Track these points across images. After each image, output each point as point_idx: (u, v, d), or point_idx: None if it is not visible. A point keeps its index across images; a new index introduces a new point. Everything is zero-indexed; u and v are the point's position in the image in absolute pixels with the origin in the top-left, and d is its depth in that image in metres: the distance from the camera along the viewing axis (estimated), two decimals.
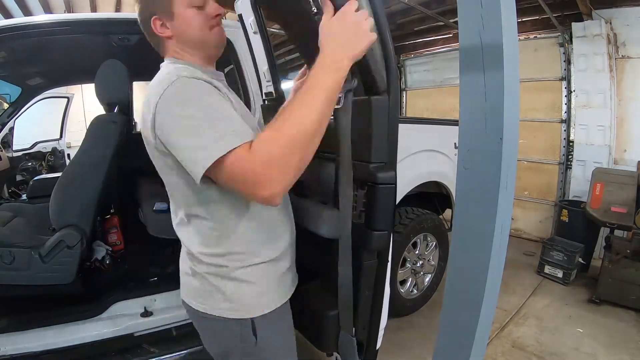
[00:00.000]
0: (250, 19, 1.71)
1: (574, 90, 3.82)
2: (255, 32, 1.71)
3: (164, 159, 0.81)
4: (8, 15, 4.83)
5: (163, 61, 0.95)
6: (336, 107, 0.90)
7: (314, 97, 0.71)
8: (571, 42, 3.72)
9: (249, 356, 0.92)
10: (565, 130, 3.99)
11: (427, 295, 2.69)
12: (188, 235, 0.90)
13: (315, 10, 0.91)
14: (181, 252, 0.99)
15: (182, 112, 0.72)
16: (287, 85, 1.81)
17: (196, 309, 0.92)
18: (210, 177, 0.73)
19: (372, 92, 1.07)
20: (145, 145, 0.86)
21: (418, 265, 2.59)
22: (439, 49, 5.20)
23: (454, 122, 1.85)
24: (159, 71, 0.89)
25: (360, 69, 1.01)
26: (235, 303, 0.88)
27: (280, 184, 0.68)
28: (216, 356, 1.00)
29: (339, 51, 0.73)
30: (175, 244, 1.11)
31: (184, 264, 0.96)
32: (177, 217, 0.93)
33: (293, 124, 0.69)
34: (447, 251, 2.59)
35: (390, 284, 1.28)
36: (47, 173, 4.55)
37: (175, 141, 0.73)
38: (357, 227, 1.13)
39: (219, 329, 0.92)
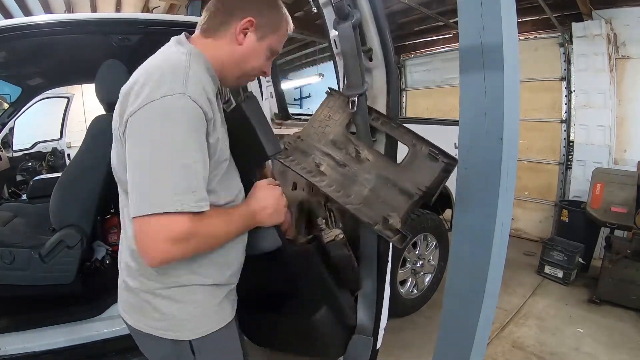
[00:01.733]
0: None
1: (574, 90, 3.82)
2: None
3: (118, 142, 0.80)
4: (8, 15, 4.83)
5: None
6: (351, 110, 1.02)
7: (233, 228, 0.83)
8: (571, 42, 3.72)
9: None
10: (565, 130, 3.99)
11: (428, 295, 2.69)
12: (131, 243, 0.83)
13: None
14: (119, 258, 0.93)
15: (157, 141, 0.69)
16: (287, 85, 1.81)
17: (132, 326, 0.88)
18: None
19: None
20: (114, 127, 0.84)
21: (418, 265, 2.58)
22: (439, 49, 5.20)
23: (454, 122, 1.86)
24: (177, 49, 0.82)
25: None
26: (170, 322, 0.83)
27: (169, 261, 0.74)
28: None
29: (260, 214, 0.88)
30: None
31: (122, 275, 0.90)
32: (125, 219, 0.86)
33: (211, 236, 0.77)
34: (447, 251, 2.59)
35: (390, 284, 1.28)
36: (47, 173, 4.55)
37: (133, 160, 0.72)
38: None
39: (156, 348, 0.88)
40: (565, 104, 3.95)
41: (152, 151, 0.69)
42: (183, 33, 0.88)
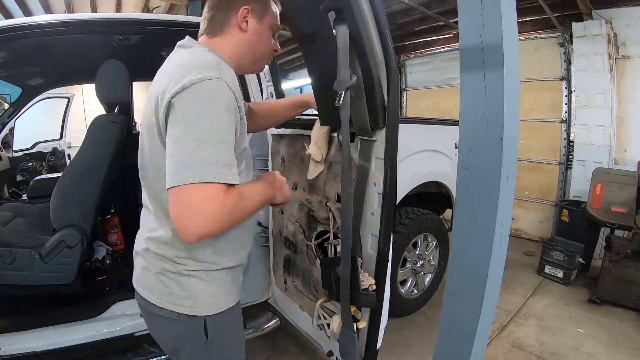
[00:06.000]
0: None
1: (574, 90, 3.82)
2: None
3: (157, 136, 0.83)
4: (8, 15, 4.84)
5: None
6: (337, 104, 1.01)
7: (261, 198, 0.90)
8: (571, 42, 3.72)
9: (199, 351, 0.93)
10: (565, 130, 3.98)
11: (428, 295, 2.69)
12: (157, 231, 0.91)
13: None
14: (138, 237, 0.99)
15: (200, 117, 0.74)
16: (286, 85, 1.81)
17: (148, 300, 0.93)
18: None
19: (371, 90, 1.08)
20: (147, 108, 0.85)
21: (418, 265, 2.58)
22: (439, 49, 5.20)
23: (454, 122, 1.86)
24: (198, 49, 0.89)
25: (362, 66, 1.02)
26: (189, 300, 0.90)
27: (208, 235, 0.75)
28: (165, 347, 1.00)
29: (269, 191, 0.95)
30: None
31: (142, 256, 0.95)
32: (150, 204, 0.93)
33: (243, 212, 0.82)
34: (448, 251, 2.59)
35: (390, 284, 1.28)
36: (47, 173, 4.55)
37: (175, 136, 0.75)
38: None
39: (169, 323, 0.92)
40: (566, 104, 3.95)
41: (194, 127, 0.73)
42: (187, 36, 0.94)
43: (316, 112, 1.41)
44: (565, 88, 3.93)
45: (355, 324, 1.21)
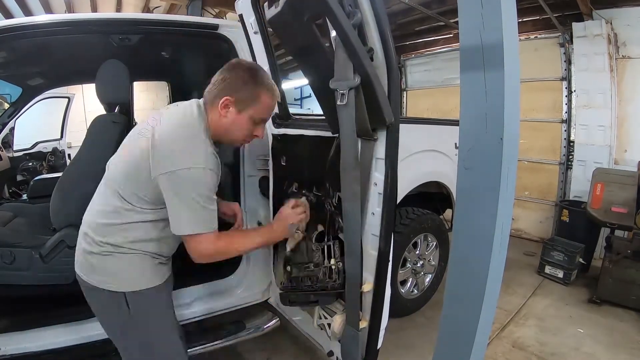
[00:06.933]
0: (251, 19, 1.71)
1: (575, 90, 3.82)
2: (255, 32, 1.72)
3: (147, 179, 1.03)
4: (8, 15, 4.84)
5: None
6: (339, 103, 1.03)
7: (253, 243, 1.22)
8: (572, 42, 3.72)
9: (127, 324, 1.13)
10: (565, 130, 3.98)
11: (428, 295, 2.69)
12: (95, 217, 1.13)
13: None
14: (81, 229, 1.18)
15: (189, 193, 1.01)
16: (287, 85, 1.80)
17: (86, 282, 1.13)
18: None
19: (371, 91, 1.08)
20: (133, 148, 1.07)
21: (418, 265, 2.58)
22: (439, 49, 5.19)
23: (454, 122, 1.86)
24: (196, 127, 1.07)
25: (362, 66, 1.02)
26: (112, 278, 1.10)
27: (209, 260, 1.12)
28: (106, 328, 1.23)
29: (278, 231, 1.29)
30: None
31: (81, 242, 1.16)
32: (104, 201, 1.13)
33: (235, 249, 1.16)
34: (448, 251, 2.59)
35: (390, 284, 1.28)
36: (47, 173, 4.55)
37: (176, 203, 1.02)
38: None
39: (103, 300, 1.13)
40: (566, 104, 3.95)
41: (182, 199, 1.01)
42: (197, 102, 1.14)
43: (311, 111, 1.41)
44: (566, 88, 3.93)
45: None
